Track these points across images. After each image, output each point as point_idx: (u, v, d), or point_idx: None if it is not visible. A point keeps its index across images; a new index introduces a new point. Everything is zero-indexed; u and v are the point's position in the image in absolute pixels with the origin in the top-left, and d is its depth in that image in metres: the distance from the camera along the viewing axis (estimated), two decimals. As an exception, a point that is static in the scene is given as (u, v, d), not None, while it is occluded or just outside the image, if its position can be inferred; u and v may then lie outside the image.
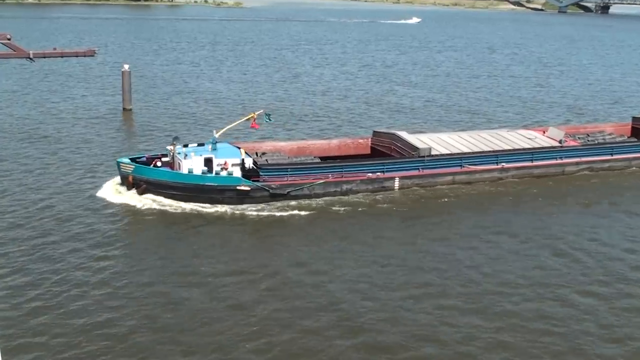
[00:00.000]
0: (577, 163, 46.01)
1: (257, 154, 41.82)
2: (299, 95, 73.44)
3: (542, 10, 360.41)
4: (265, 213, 36.80)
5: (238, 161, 38.90)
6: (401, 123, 60.21)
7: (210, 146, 39.93)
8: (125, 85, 62.06)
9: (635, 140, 50.27)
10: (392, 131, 45.73)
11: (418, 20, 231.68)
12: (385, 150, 44.12)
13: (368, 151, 45.35)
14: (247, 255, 31.48)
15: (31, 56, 67.24)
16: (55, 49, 72.90)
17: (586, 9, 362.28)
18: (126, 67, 61.65)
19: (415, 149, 42.15)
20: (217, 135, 40.54)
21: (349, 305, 26.50)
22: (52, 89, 72.81)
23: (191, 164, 38.21)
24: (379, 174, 40.70)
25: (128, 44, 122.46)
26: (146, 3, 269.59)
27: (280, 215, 36.63)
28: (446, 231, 35.16)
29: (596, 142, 48.42)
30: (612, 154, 47.27)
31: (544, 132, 48.55)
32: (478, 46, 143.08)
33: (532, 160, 44.77)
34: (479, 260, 31.44)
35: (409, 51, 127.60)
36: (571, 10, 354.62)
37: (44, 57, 69.95)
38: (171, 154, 39.66)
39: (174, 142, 39.87)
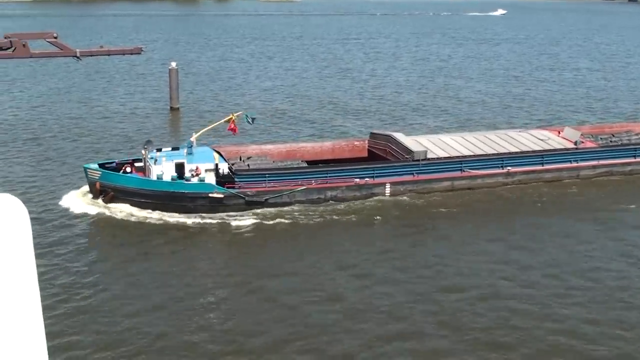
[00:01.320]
0: (594, 166, 41.20)
1: (240, 158, 38.53)
2: (348, 91, 70.57)
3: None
4: (239, 223, 33.26)
5: (211, 166, 35.82)
6: (454, 119, 56.94)
7: (185, 150, 36.36)
8: (172, 84, 60.26)
9: None
10: (388, 132, 41.87)
11: (503, 12, 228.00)
12: (382, 154, 40.30)
13: (365, 154, 41.60)
14: (213, 272, 28.15)
15: (78, 54, 65.81)
16: (102, 47, 71.32)
17: None
18: (173, 64, 59.88)
19: (410, 152, 38.13)
20: (193, 139, 37.08)
21: (323, 331, 23.10)
22: (98, 87, 71.56)
23: (161, 169, 34.99)
24: (367, 179, 36.86)
25: (175, 41, 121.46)
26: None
27: (256, 225, 33.11)
28: (437, 244, 31.19)
29: (618, 143, 43.44)
30: (635, 156, 42.11)
31: (559, 133, 43.71)
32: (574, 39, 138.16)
33: (542, 164, 40.11)
34: (466, 279, 27.08)
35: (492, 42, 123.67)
36: None
37: (91, 56, 68.49)
38: (144, 158, 36.28)
39: (146, 146, 36.53)
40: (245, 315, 24.22)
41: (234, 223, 33.45)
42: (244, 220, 33.68)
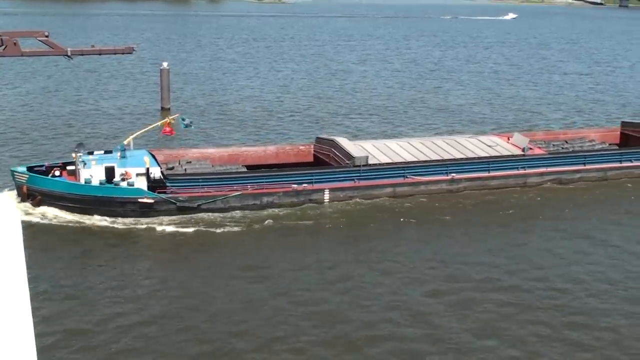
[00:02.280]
0: (541, 174, 40.34)
1: (180, 162, 37.68)
2: (338, 93, 70.68)
3: (601, 4, 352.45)
4: (170, 229, 32.68)
5: (142, 170, 34.74)
6: (442, 122, 57.16)
7: (119, 154, 35.51)
8: (163, 84, 60.23)
9: (614, 148, 44.26)
10: (332, 137, 40.77)
11: (514, 16, 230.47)
12: (326, 159, 39.40)
13: (310, 159, 40.66)
14: (131, 282, 27.07)
15: (69, 53, 65.72)
16: (93, 46, 71.21)
17: None
18: (165, 64, 59.88)
19: (351, 157, 37.26)
20: (126, 142, 36.36)
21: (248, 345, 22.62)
22: (89, 87, 71.41)
23: (90, 173, 34.10)
24: (305, 185, 36.09)
25: (167, 41, 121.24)
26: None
27: (185, 232, 32.23)
28: (370, 252, 30.36)
29: (569, 150, 42.75)
30: (585, 164, 41.23)
31: (509, 139, 42.78)
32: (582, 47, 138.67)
33: (488, 171, 39.28)
34: (394, 295, 26.41)
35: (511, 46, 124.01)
36: (633, 4, 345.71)
37: (82, 55, 68.32)
38: (75, 162, 35.43)
39: (76, 149, 35.65)
40: (171, 324, 23.75)
41: (161, 229, 32.50)
42: (173, 227, 32.72)
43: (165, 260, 30.36)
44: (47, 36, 63.88)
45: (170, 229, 32.70)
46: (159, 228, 32.69)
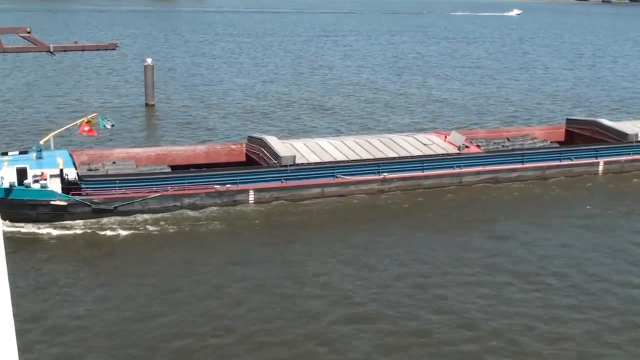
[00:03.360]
0: (477, 173, 39.15)
1: (103, 163, 36.23)
2: (321, 88, 70.74)
3: (585, 0, 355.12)
4: (80, 232, 31.27)
5: (56, 172, 33.09)
6: (425, 118, 57.34)
7: (34, 154, 34.12)
8: (147, 80, 60.06)
9: (554, 146, 43.12)
10: (261, 136, 39.54)
11: (519, 12, 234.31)
12: (257, 159, 38.32)
13: (243, 158, 39.49)
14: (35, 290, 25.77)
15: (52, 50, 65.32)
16: (76, 42, 70.77)
17: None
18: (149, 61, 59.71)
19: (278, 156, 36.27)
20: (43, 142, 34.98)
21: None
22: (71, 83, 71.05)
23: (0, 175, 32.82)
24: (229, 185, 34.87)
25: (151, 37, 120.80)
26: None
27: (100, 236, 31.12)
28: (295, 255, 29.14)
29: (508, 148, 41.66)
30: (523, 162, 40.24)
31: (446, 137, 41.55)
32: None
33: (422, 170, 38.23)
34: (324, 290, 25.74)
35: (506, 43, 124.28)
36: (616, 0, 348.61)
37: (65, 51, 67.94)
38: None
39: None
40: (79, 330, 22.67)
41: (72, 232, 31.07)
42: (85, 230, 31.31)
43: (71, 265, 28.33)
44: (29, 32, 63.45)
45: (80, 232, 31.18)
46: (69, 232, 31.18)
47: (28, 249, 29.60)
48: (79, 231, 31.38)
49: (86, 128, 36.76)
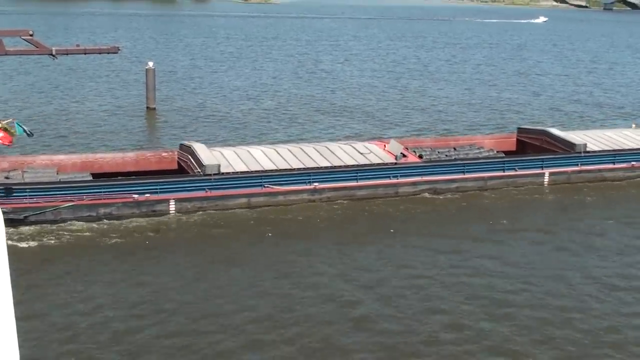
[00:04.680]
0: (414, 183, 37.36)
1: (22, 171, 34.75)
2: (318, 93, 70.82)
3: (586, 7, 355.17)
4: None
5: None
6: (423, 124, 57.38)
7: None
8: (149, 83, 60.14)
9: (499, 155, 41.31)
10: (190, 143, 37.76)
11: (545, 19, 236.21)
12: (185, 167, 36.75)
13: (175, 166, 37.78)
14: None
15: (54, 53, 65.02)
16: (78, 45, 70.58)
17: (633, 6, 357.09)
18: (150, 64, 59.78)
19: (202, 165, 34.59)
20: None
21: None
22: (73, 86, 71.20)
23: None
24: (148, 195, 32.98)
25: (152, 40, 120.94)
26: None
27: (10, 246, 28.83)
28: (215, 268, 27.89)
29: (450, 158, 40.03)
30: (464, 172, 38.37)
31: (385, 146, 39.83)
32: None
33: (356, 180, 36.40)
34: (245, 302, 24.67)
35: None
36: (617, 7, 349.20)
37: (67, 54, 67.73)
38: None
39: None
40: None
41: None
42: None
43: None
44: (31, 35, 63.44)
45: None
46: None
47: None
48: None
49: (0, 134, 33.49)
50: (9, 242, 28.79)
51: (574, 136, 43.18)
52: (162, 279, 26.97)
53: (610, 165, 41.21)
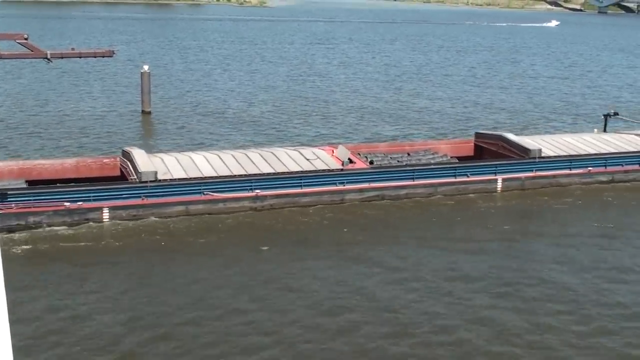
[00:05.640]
0: (361, 190, 36.38)
1: None
2: (312, 96, 70.86)
3: (581, 10, 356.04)
4: None
5: None
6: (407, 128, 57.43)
7: None
8: (144, 87, 60.08)
9: (452, 162, 40.08)
10: (130, 149, 36.65)
11: (557, 23, 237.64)
12: (125, 173, 35.79)
13: (117, 173, 36.89)
14: None
15: (48, 56, 64.74)
16: (73, 49, 70.30)
17: (627, 9, 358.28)
18: (145, 67, 59.76)
19: (138, 172, 33.73)
20: None
21: None
22: (68, 89, 71.06)
23: None
24: (81, 203, 31.94)
25: (147, 44, 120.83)
26: (167, 2, 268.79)
27: None
28: (148, 278, 26.89)
29: (400, 164, 38.85)
30: (413, 179, 37.48)
31: (333, 152, 38.68)
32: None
33: (301, 187, 35.62)
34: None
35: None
36: (612, 10, 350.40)
37: (62, 58, 67.63)
38: None
39: None
40: None
41: None
42: None
43: None
44: (26, 39, 63.35)
45: None
46: None
47: None
48: None
49: None
50: None
51: (530, 141, 41.72)
52: (84, 294, 25.53)
53: (567, 171, 40.10)
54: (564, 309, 25.23)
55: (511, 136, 42.48)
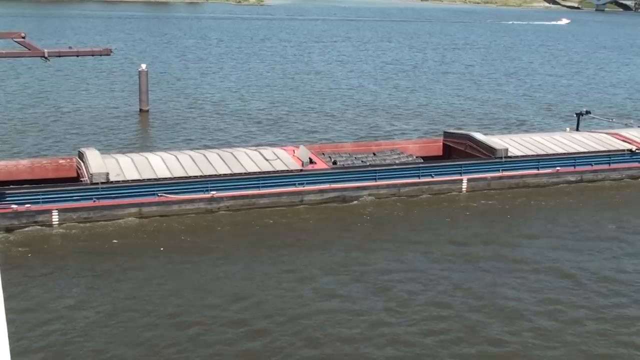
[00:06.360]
0: (321, 191, 35.53)
1: None
2: (314, 94, 71.03)
3: (578, 8, 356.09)
4: None
5: None
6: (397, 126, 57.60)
7: None
8: (142, 86, 60.18)
9: (416, 161, 39.70)
10: (83, 150, 36.48)
11: (567, 21, 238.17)
12: (80, 175, 34.89)
13: (73, 174, 35.70)
14: None
15: (46, 55, 64.69)
16: (70, 47, 70.35)
17: (625, 7, 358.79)
18: (143, 66, 59.85)
19: (90, 173, 32.80)
20: None
21: None
22: (65, 88, 71.15)
23: None
24: (29, 205, 30.97)
25: (145, 42, 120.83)
26: (165, 0, 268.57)
27: None
28: (94, 285, 26.20)
29: (363, 164, 38.34)
30: (375, 179, 36.65)
31: (294, 152, 37.96)
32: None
33: (259, 188, 34.74)
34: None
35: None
36: (609, 8, 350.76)
37: (59, 56, 67.66)
38: None
39: None
40: None
41: None
42: None
43: None
44: (24, 37, 63.38)
45: None
46: None
47: None
48: None
49: None
50: None
51: (497, 140, 41.05)
52: (23, 300, 24.49)
53: (534, 171, 39.48)
54: (511, 316, 24.50)
55: (478, 135, 41.66)
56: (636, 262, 30.02)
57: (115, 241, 30.58)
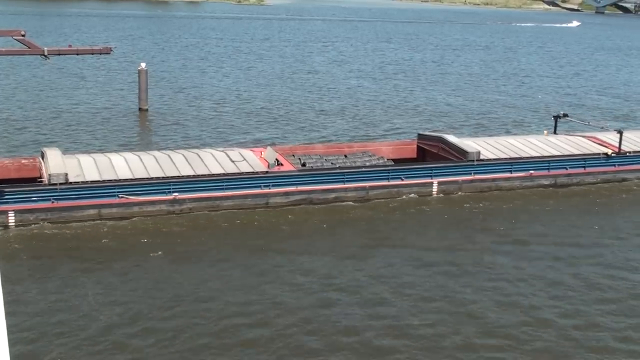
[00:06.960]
0: (287, 193, 34.90)
1: None
2: (314, 94, 71.11)
3: (578, 10, 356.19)
4: None
5: None
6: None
7: None
8: (141, 85, 60.23)
9: (387, 164, 39.03)
10: (44, 149, 35.38)
11: (578, 23, 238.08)
12: (41, 175, 34.40)
13: (36, 175, 34.87)
14: None
15: (46, 53, 64.87)
16: (70, 46, 70.70)
17: (625, 10, 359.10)
18: (143, 65, 59.90)
19: (49, 174, 31.96)
20: None
21: None
22: (64, 86, 71.15)
23: None
24: None
25: (145, 41, 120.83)
26: None
27: None
28: (55, 287, 25.55)
29: (332, 166, 37.76)
30: (343, 182, 35.79)
31: (262, 153, 37.33)
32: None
33: (223, 190, 33.99)
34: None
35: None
36: (609, 10, 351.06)
37: (59, 55, 67.78)
38: None
39: None
40: None
41: None
42: None
43: None
44: (23, 35, 63.41)
45: None
46: None
47: None
48: None
49: None
50: None
51: (470, 143, 40.23)
52: None
53: (507, 175, 38.77)
54: (480, 322, 24.23)
55: (450, 138, 40.84)
56: (613, 268, 29.38)
57: (71, 244, 29.94)
